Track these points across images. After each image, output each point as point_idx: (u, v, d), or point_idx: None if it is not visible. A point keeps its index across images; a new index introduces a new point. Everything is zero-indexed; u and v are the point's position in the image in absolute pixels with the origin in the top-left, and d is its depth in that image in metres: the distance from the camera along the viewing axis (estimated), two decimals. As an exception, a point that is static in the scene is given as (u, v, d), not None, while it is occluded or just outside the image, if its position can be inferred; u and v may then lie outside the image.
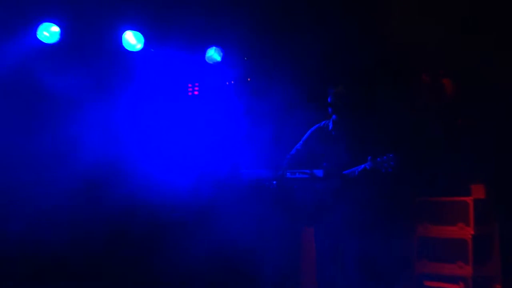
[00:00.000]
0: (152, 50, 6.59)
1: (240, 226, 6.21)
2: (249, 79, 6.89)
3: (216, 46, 6.69)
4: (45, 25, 6.28)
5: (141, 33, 6.41)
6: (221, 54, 6.71)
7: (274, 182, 5.45)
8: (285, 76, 6.53)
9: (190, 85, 7.01)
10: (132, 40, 6.43)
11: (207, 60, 6.77)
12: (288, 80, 6.50)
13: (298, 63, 6.53)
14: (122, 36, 6.43)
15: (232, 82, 6.91)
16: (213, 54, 6.71)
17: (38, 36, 6.28)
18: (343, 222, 5.29)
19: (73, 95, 6.33)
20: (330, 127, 5.59)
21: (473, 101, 6.21)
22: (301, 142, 5.68)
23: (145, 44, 6.45)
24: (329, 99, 5.49)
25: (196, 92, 7.00)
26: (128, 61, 6.61)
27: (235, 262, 6.38)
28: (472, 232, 5.93)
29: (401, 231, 6.18)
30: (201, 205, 6.53)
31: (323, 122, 5.66)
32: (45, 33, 6.31)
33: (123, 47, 6.43)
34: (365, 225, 5.30)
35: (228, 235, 6.31)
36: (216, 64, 6.78)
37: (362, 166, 5.19)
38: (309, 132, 5.68)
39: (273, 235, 6.08)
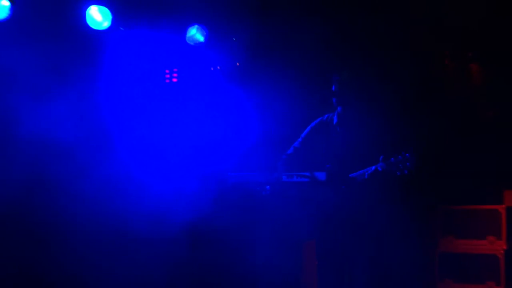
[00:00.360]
0: (121, 28, 6.11)
1: (227, 240, 5.97)
2: (238, 64, 6.49)
3: (199, 24, 6.26)
4: (-8, -2, 5.82)
5: (108, 8, 5.93)
6: (205, 34, 6.27)
7: (268, 187, 5.09)
8: (281, 60, 6.31)
9: (167, 71, 6.55)
10: (97, 16, 5.94)
11: (188, 41, 6.31)
12: (285, 66, 6.29)
13: (297, 45, 6.27)
14: (86, 12, 5.92)
15: (218, 67, 6.52)
16: (195, 34, 6.26)
17: (-16, 12, 5.78)
18: (350, 234, 5.00)
19: (26, 81, 5.79)
20: (334, 121, 5.24)
21: (506, 90, 5.95)
22: (300, 139, 5.35)
23: (113, 21, 5.96)
24: (333, 88, 5.15)
25: (174, 79, 6.53)
26: (93, 42, 6.11)
27: (224, 279, 6.13)
28: (505, 247, 5.67)
29: (420, 245, 6.01)
30: (183, 215, 6.14)
31: (326, 115, 5.31)
32: (-7, 8, 5.83)
33: (87, 25, 5.93)
34: (376, 239, 5.02)
35: (215, 248, 6.10)
36: (199, 46, 6.34)
37: (373, 167, 4.86)
38: (309, 127, 5.33)
39: (267, 250, 5.83)
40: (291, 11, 6.14)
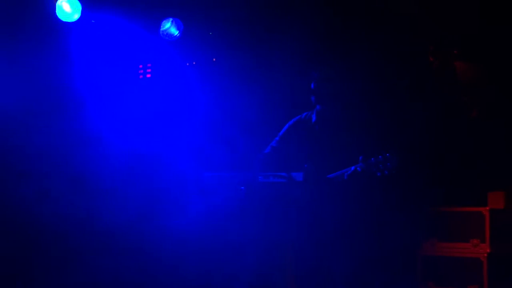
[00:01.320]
0: (92, 21, 6.03)
1: (200, 242, 5.83)
2: (214, 60, 6.43)
3: (174, 17, 6.17)
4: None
5: None
6: (180, 27, 6.20)
7: (243, 187, 5.02)
8: (260, 55, 6.23)
9: (141, 66, 6.51)
10: (67, 8, 5.83)
11: (162, 35, 6.23)
12: (264, 61, 6.22)
13: (276, 40, 6.14)
14: (56, 3, 5.82)
15: (194, 63, 6.47)
16: (170, 28, 6.20)
17: None
18: (329, 237, 4.93)
19: None
20: (313, 119, 5.16)
21: (492, 89, 5.92)
22: (277, 138, 5.28)
23: (83, 13, 5.87)
24: (312, 85, 5.07)
25: (148, 75, 6.49)
26: (62, 34, 6.02)
27: (202, 281, 5.98)
28: (488, 250, 5.55)
29: (401, 248, 5.84)
30: (152, 217, 6.11)
31: (305, 113, 5.24)
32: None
33: (56, 17, 5.82)
34: (356, 241, 4.95)
35: (190, 251, 5.97)
36: (174, 40, 6.26)
37: (353, 167, 4.80)
38: (287, 125, 5.27)
39: (242, 253, 5.66)
40: (271, 4, 6.07)
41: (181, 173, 5.97)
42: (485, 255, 5.51)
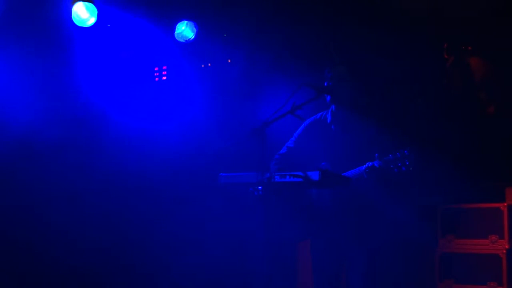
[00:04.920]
0: (108, 25, 6.01)
1: (220, 241, 5.94)
2: (229, 61, 6.36)
3: (188, 20, 6.14)
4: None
5: (94, 3, 5.78)
6: (195, 30, 6.17)
7: (260, 187, 4.80)
8: (274, 57, 6.17)
9: (156, 68, 6.49)
10: (83, 13, 5.79)
11: (177, 38, 6.19)
12: (279, 62, 6.16)
13: (290, 41, 6.09)
14: (71, 8, 5.78)
15: (209, 65, 6.44)
16: (185, 30, 6.17)
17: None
18: (346, 234, 4.83)
19: (10, 79, 5.74)
20: (328, 119, 5.06)
21: (507, 85, 5.84)
22: (293, 138, 5.16)
23: (99, 17, 5.82)
24: (326, 84, 4.95)
25: (164, 78, 6.46)
26: (78, 39, 5.99)
27: (218, 280, 6.07)
28: (507, 246, 5.52)
29: (419, 245, 5.84)
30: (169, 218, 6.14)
31: (320, 113, 5.13)
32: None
33: (71, 22, 5.79)
34: (374, 238, 4.83)
35: (207, 250, 6.06)
36: (189, 42, 6.23)
37: (370, 164, 4.69)
38: (302, 126, 5.15)
39: (260, 252, 5.30)
40: (284, 5, 5.99)
41: (197, 174, 5.98)
42: (504, 251, 5.48)
